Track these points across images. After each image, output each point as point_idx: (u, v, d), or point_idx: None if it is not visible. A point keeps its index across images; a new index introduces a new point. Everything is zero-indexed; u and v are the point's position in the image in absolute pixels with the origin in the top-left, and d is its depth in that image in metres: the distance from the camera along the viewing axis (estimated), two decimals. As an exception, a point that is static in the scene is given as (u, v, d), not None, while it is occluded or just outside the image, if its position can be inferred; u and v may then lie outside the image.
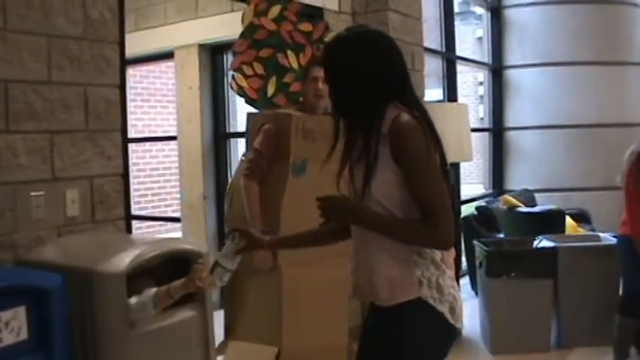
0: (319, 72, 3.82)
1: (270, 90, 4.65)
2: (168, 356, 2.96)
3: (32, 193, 3.18)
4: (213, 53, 6.93)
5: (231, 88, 4.65)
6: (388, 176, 2.22)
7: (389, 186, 2.23)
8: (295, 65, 4.73)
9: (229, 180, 6.91)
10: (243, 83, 4.57)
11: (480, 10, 8.83)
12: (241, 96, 4.67)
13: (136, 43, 6.78)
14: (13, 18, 3.08)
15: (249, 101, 4.67)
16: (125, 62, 3.64)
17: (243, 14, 4.69)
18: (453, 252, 2.40)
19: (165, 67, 9.77)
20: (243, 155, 4.28)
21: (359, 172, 2.29)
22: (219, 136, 6.97)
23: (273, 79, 4.65)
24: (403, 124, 2.19)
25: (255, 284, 3.99)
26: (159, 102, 11.42)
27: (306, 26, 4.85)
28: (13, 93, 3.09)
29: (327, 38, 4.77)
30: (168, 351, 2.96)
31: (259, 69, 4.61)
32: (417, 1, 5.82)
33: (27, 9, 3.14)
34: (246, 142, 4.43)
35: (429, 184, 2.18)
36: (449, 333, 2.34)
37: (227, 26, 6.50)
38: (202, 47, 6.84)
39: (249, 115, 4.36)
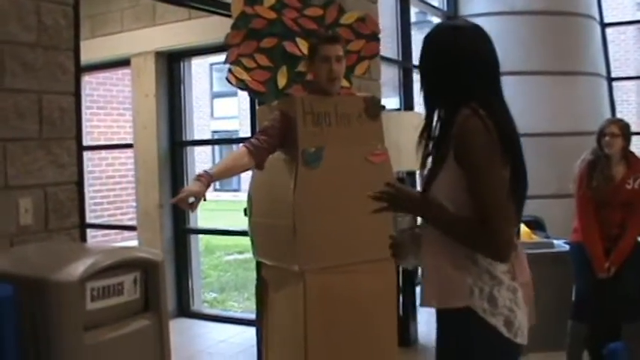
0: (331, 51, 3.63)
1: (282, 81, 4.41)
2: (123, 367, 2.93)
3: (-17, 202, 3.13)
4: (170, 61, 6.92)
5: (229, 82, 4.40)
6: (450, 176, 2.17)
7: (450, 187, 2.18)
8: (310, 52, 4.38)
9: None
10: (244, 76, 4.33)
11: (436, 20, 8.91)
12: (243, 89, 4.46)
13: (92, 50, 6.74)
14: (-36, 23, 3.05)
15: (255, 95, 4.48)
16: (80, 69, 3.61)
17: (232, 4, 4.42)
18: (526, 270, 2.30)
19: (122, 74, 9.71)
20: None
21: (428, 167, 2.26)
22: (176, 144, 6.95)
23: (284, 69, 4.41)
24: (468, 126, 2.14)
25: (281, 298, 3.73)
26: (115, 109, 11.34)
27: (314, 11, 4.63)
28: (-35, 100, 3.06)
29: (345, 20, 4.68)
30: (124, 360, 2.93)
31: (263, 60, 4.38)
32: (373, 10, 5.86)
33: (-21, 15, 3.11)
34: None
35: (487, 192, 2.11)
36: (505, 347, 2.19)
37: (184, 34, 6.52)
38: (159, 55, 6.83)
39: (259, 109, 4.16)
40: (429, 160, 2.28)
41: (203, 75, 27.32)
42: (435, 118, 2.29)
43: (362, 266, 3.54)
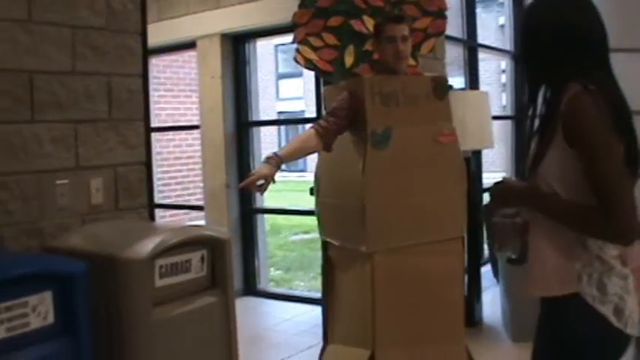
0: (396, 30, 3.59)
1: (349, 60, 4.31)
2: (190, 341, 3.00)
3: (57, 182, 3.24)
4: (235, 43, 6.97)
5: (296, 61, 4.37)
6: (559, 157, 2.06)
7: (559, 167, 2.07)
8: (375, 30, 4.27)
9: (252, 168, 6.99)
10: (312, 56, 4.30)
11: (502, -3, 8.79)
12: (311, 69, 4.43)
13: (158, 33, 6.87)
14: (37, 10, 3.14)
15: (323, 74, 4.43)
16: (147, 52, 3.68)
17: None
18: (638, 255, 2.13)
19: (189, 56, 9.82)
20: None
21: (534, 146, 2.16)
22: (242, 125, 7.02)
23: (351, 48, 4.31)
24: (579, 104, 2.02)
25: (348, 279, 3.73)
26: (182, 91, 11.51)
27: None
28: (38, 83, 3.15)
29: None
30: (191, 336, 3.01)
31: (330, 39, 4.31)
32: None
33: (50, 1, 3.19)
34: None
35: (606, 173, 1.98)
36: (614, 337, 2.08)
37: (249, 16, 6.57)
38: (224, 37, 6.88)
39: (325, 89, 4.13)
40: (536, 138, 2.17)
41: (268, 56, 27.47)
42: (540, 97, 2.19)
43: (430, 246, 3.51)
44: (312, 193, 5.59)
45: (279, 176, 3.42)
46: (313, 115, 6.02)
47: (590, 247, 2.06)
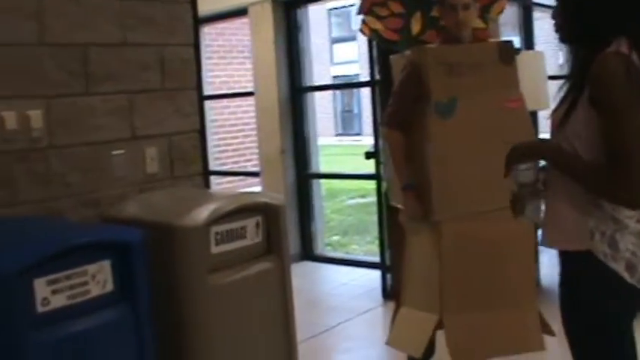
0: None
1: (416, 27, 4.28)
2: (246, 307, 3.04)
3: (113, 152, 3.29)
4: (287, 8, 6.95)
5: (362, 33, 4.37)
6: (583, 116, 2.07)
7: (582, 126, 2.08)
8: None
9: (306, 134, 7.02)
10: (377, 26, 4.29)
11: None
12: (376, 40, 4.43)
13: (210, 1, 6.89)
14: (86, -17, 3.18)
15: (388, 43, 4.39)
16: (198, 21, 3.70)
17: None
18: None
19: (241, 23, 9.83)
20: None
21: (564, 103, 2.15)
22: (296, 91, 7.02)
23: (417, 15, 4.27)
24: (607, 66, 2.01)
25: (417, 245, 3.74)
26: (235, 58, 11.56)
27: None
28: (92, 56, 3.19)
29: None
30: (247, 302, 3.05)
31: (396, 7, 4.27)
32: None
33: (100, -26, 3.23)
34: (385, 87, 4.22)
35: (621, 137, 1.98)
36: (629, 292, 2.11)
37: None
38: (276, 2, 6.87)
39: (392, 58, 4.09)
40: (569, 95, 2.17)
41: (321, 21, 27.35)
42: (576, 56, 2.18)
43: (499, 213, 3.42)
44: (367, 157, 5.62)
45: (335, 140, 3.47)
46: (367, 78, 5.98)
47: (604, 207, 2.09)
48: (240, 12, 7.30)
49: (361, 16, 4.33)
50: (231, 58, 11.81)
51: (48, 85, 3.05)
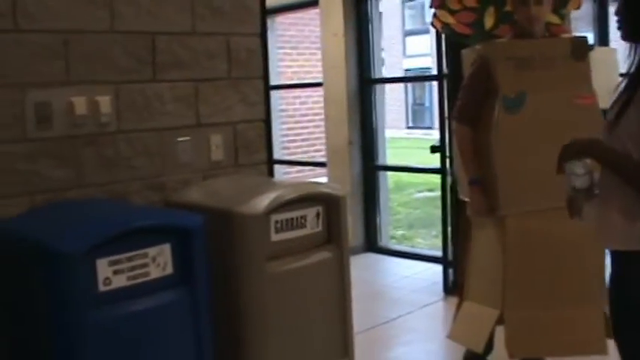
0: None
1: (489, 22, 4.24)
2: (304, 296, 3.08)
3: (179, 139, 3.36)
4: (357, 0, 6.96)
5: (433, 26, 4.40)
6: (637, 113, 2.05)
7: (634, 124, 2.06)
8: None
9: (374, 125, 7.02)
10: (449, 20, 4.28)
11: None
12: (447, 34, 4.44)
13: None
14: (158, -28, 3.24)
15: (459, 38, 4.39)
16: (265, 11, 3.74)
17: None
18: None
19: (314, 13, 9.89)
20: None
21: (618, 102, 2.14)
22: (364, 82, 7.03)
23: (491, 9, 4.22)
24: None
25: (483, 239, 3.75)
26: (307, 49, 11.62)
27: None
28: (160, 44, 3.26)
29: None
30: (305, 291, 3.08)
31: (469, 1, 4.23)
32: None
33: (170, -36, 3.30)
34: (454, 81, 4.26)
35: None
36: None
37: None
38: (347, -6, 6.89)
39: (463, 52, 4.09)
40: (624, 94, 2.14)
41: (395, 13, 27.23)
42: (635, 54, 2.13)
43: (566, 210, 3.48)
44: (433, 151, 5.60)
45: (404, 133, 3.50)
46: (427, 72, 5.97)
47: None
48: (312, 3, 7.34)
49: (433, 10, 4.31)
50: (304, 49, 11.87)
51: (117, 72, 3.13)
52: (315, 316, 3.15)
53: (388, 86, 27.03)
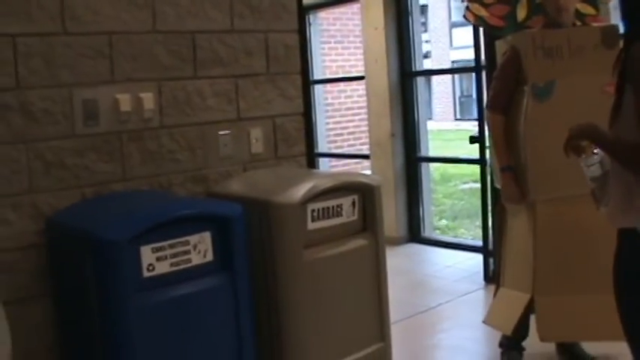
0: None
1: (521, 14, 4.35)
2: (340, 282, 3.19)
3: (220, 132, 3.49)
4: (397, -6, 7.04)
5: (466, 19, 4.51)
6: (628, 102, 2.16)
7: (629, 112, 2.17)
8: None
9: (416, 118, 7.09)
10: (482, 12, 4.38)
11: None
12: (481, 26, 4.56)
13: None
14: (197, -26, 3.39)
15: (493, 30, 4.49)
16: (302, 8, 3.85)
17: None
18: None
19: (357, 8, 9.98)
20: None
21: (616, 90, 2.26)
22: (406, 75, 7.11)
23: (523, 1, 4.33)
24: (637, 48, 2.11)
25: (516, 226, 3.85)
26: (352, 43, 11.70)
27: None
28: (200, 42, 3.40)
29: None
30: (340, 278, 3.19)
31: None
32: None
33: (208, -35, 3.44)
34: (490, 72, 4.42)
35: None
36: None
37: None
38: (386, -12, 6.97)
39: (497, 43, 4.18)
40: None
41: (442, 5, 27.13)
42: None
43: None
44: (472, 142, 5.66)
45: (452, 125, 3.62)
46: (472, 64, 6.04)
47: None
48: (353, -3, 7.44)
49: (466, 3, 4.40)
50: (348, 43, 11.94)
51: (159, 70, 3.27)
52: (351, 301, 3.25)
53: (435, 79, 27.07)
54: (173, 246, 2.66)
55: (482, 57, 5.68)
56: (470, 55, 5.92)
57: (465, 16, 4.48)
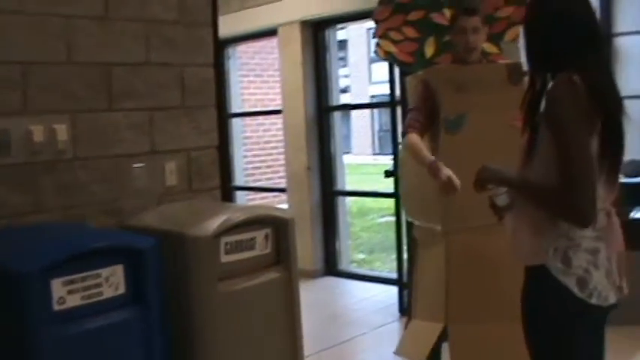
0: (467, 22, 3.73)
1: (429, 51, 4.52)
2: (254, 316, 3.20)
3: (134, 165, 3.49)
4: (315, 29, 7.16)
5: (377, 55, 4.62)
6: (543, 142, 2.23)
7: (543, 151, 2.23)
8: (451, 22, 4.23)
9: (333, 152, 7.19)
10: (392, 49, 4.51)
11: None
12: (390, 62, 4.70)
13: (241, 22, 7.15)
14: (113, 7, 3.39)
15: (403, 66, 4.63)
16: (218, 42, 3.89)
17: None
18: (619, 240, 2.35)
19: (277, 42, 10.08)
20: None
21: (528, 129, 2.33)
22: (323, 109, 7.21)
23: (431, 39, 4.51)
24: (558, 92, 2.19)
25: (428, 258, 3.90)
26: (271, 76, 11.78)
27: None
28: (115, 75, 3.40)
29: None
30: (254, 310, 3.20)
31: (411, 32, 4.50)
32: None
33: (126, -2, 3.46)
34: (403, 107, 4.56)
35: (567, 155, 2.14)
36: (576, 307, 2.25)
37: (328, 3, 6.75)
38: (305, 24, 7.08)
39: (407, 79, 4.27)
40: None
41: (361, 40, 27.52)
42: (537, 84, 2.36)
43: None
44: (387, 176, 5.76)
45: (371, 159, 3.65)
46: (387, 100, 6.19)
47: (559, 224, 2.24)
48: (271, 32, 7.52)
49: (376, 39, 4.53)
50: (267, 76, 12.03)
51: (73, 101, 3.26)
52: (265, 334, 3.26)
53: (354, 113, 27.37)
54: (85, 279, 2.63)
55: (398, 92, 5.82)
56: (388, 89, 6.07)
57: (376, 52, 4.61)
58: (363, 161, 24.12)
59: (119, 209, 3.43)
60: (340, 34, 11.63)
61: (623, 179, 6.56)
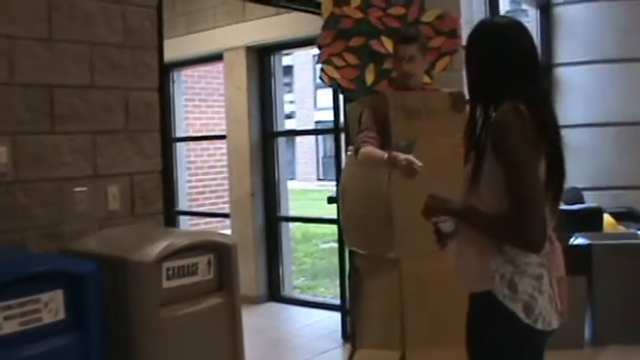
0: (403, 50, 3.81)
1: (369, 78, 4.60)
2: (196, 340, 3.18)
3: (76, 189, 3.46)
4: (260, 55, 7.18)
5: (322, 80, 4.68)
6: (490, 169, 2.25)
7: (490, 178, 2.26)
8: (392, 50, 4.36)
9: (277, 178, 7.19)
10: (335, 75, 4.58)
11: (530, 9, 8.84)
12: (334, 87, 4.75)
13: (187, 46, 7.15)
14: (57, 28, 3.37)
15: (346, 92, 4.69)
16: (164, 67, 3.89)
17: (322, 5, 4.68)
18: (561, 264, 2.39)
19: (222, 67, 10.07)
20: (348, 149, 4.19)
21: (473, 157, 2.34)
22: (267, 135, 7.21)
23: (371, 66, 4.60)
24: (505, 121, 2.22)
25: (375, 286, 3.90)
26: (216, 101, 11.74)
27: (397, 10, 4.73)
28: (58, 97, 3.38)
29: (426, 18, 4.75)
30: (197, 336, 3.18)
31: (352, 59, 4.60)
32: (455, 6, 5.91)
33: (70, 20, 3.42)
34: (347, 134, 4.49)
35: (520, 186, 2.18)
36: (523, 332, 2.28)
37: (273, 29, 6.78)
38: (250, 49, 7.10)
39: (348, 106, 4.31)
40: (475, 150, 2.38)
41: (307, 66, 27.66)
42: (478, 113, 2.38)
43: None
44: (330, 202, 5.78)
45: (316, 185, 3.64)
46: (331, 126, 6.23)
47: (505, 251, 2.27)
48: (217, 57, 7.52)
49: (320, 65, 4.60)
50: (212, 101, 11.99)
51: (15, 123, 3.22)
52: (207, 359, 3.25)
53: (299, 139, 27.42)
54: (23, 304, 2.58)
55: (342, 118, 5.86)
56: (332, 116, 6.11)
57: (321, 78, 4.68)
58: (308, 187, 24.18)
59: (60, 233, 3.39)
60: (286, 60, 11.69)
61: (563, 206, 6.72)
